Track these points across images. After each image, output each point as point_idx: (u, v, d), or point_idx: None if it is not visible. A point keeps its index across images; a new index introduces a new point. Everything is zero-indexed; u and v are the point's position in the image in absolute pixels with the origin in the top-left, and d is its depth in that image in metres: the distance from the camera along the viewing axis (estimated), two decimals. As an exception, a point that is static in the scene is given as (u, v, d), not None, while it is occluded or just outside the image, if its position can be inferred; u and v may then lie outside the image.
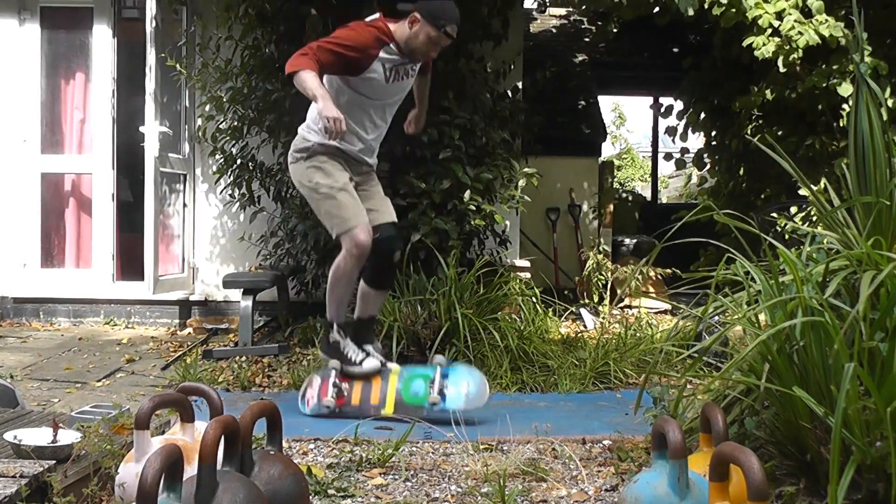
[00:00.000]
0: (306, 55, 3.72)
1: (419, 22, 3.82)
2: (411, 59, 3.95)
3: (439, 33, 3.83)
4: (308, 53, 3.72)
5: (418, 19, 3.82)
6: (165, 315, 6.70)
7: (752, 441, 2.72)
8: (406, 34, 3.86)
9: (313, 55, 3.72)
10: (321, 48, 3.76)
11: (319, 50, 3.74)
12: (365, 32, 3.84)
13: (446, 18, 3.83)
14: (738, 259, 2.92)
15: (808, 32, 6.13)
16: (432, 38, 3.84)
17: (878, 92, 2.85)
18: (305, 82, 3.67)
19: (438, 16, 3.82)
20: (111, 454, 2.60)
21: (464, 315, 4.84)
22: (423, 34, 3.83)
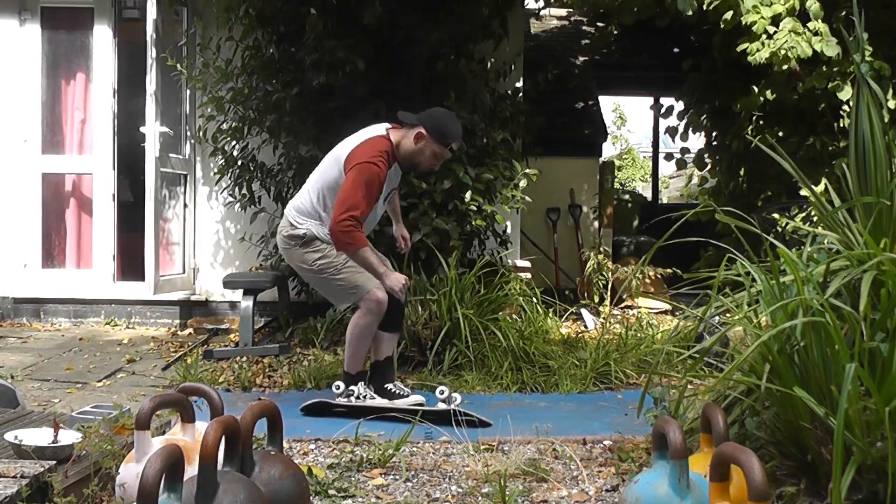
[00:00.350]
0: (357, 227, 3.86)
1: (425, 139, 3.93)
2: (412, 171, 4.12)
3: (446, 150, 3.98)
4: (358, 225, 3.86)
5: (425, 136, 3.93)
6: (166, 315, 6.70)
7: (752, 441, 2.72)
8: (411, 149, 3.97)
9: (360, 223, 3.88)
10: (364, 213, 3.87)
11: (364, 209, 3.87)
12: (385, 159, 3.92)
13: (453, 136, 3.97)
14: (739, 259, 2.92)
15: (801, 45, 6.12)
16: (437, 155, 3.99)
17: (878, 93, 2.85)
18: (367, 260, 3.92)
19: (447, 135, 3.95)
20: (112, 454, 2.60)
21: (464, 315, 4.84)
22: (429, 151, 3.95)
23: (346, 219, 3.83)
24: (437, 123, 3.96)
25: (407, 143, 3.97)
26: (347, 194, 3.86)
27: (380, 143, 3.98)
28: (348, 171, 3.92)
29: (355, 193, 3.85)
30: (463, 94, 5.89)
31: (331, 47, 5.48)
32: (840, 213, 2.92)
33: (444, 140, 3.95)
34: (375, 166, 3.88)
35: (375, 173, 3.89)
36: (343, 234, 3.86)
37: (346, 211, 3.84)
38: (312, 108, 5.72)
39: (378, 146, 3.95)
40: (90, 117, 6.80)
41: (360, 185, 3.86)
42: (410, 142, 3.96)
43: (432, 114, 4.03)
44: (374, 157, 3.90)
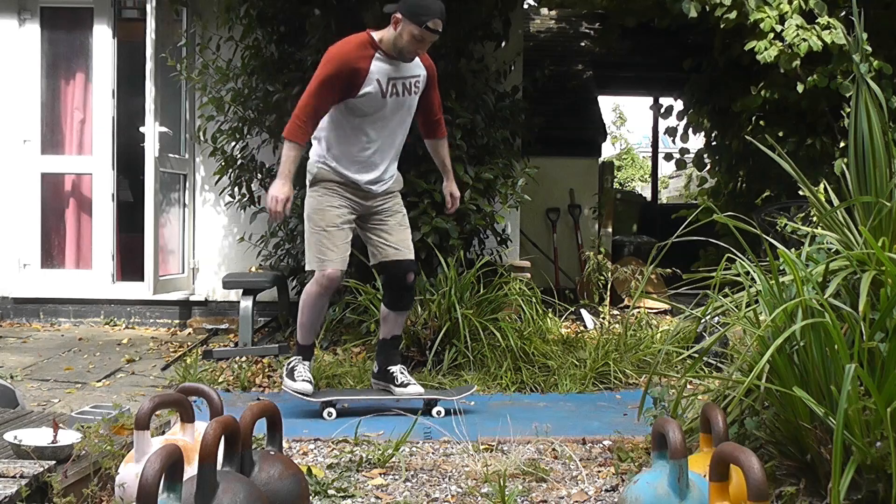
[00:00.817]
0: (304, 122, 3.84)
1: (401, 21, 3.82)
2: (403, 61, 3.93)
3: (422, 30, 3.81)
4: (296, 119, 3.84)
5: (400, 19, 3.83)
6: (165, 315, 6.71)
7: (752, 441, 2.72)
8: (392, 36, 3.86)
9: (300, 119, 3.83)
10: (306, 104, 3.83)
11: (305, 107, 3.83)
12: (343, 50, 3.86)
13: (427, 14, 3.81)
14: (739, 259, 2.92)
15: (812, 39, 6.12)
16: (415, 36, 3.82)
17: (878, 93, 2.85)
18: (285, 154, 3.88)
19: (418, 13, 3.80)
20: (111, 454, 2.60)
21: (464, 315, 4.84)
22: (406, 33, 3.82)
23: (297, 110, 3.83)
24: (409, 4, 3.81)
25: (389, 32, 3.87)
26: (308, 89, 3.85)
27: (352, 36, 3.92)
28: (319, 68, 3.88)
29: (310, 90, 3.83)
30: (464, 93, 5.89)
31: None
32: (839, 212, 2.92)
33: (418, 19, 3.77)
34: (339, 50, 3.84)
35: (338, 56, 3.82)
36: (289, 123, 3.85)
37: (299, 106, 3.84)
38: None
39: (350, 38, 3.91)
40: (90, 117, 6.80)
41: (318, 75, 3.83)
42: (390, 29, 3.86)
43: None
44: (342, 46, 3.86)
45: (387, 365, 4.20)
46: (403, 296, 4.15)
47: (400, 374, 4.18)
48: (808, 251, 2.91)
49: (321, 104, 3.85)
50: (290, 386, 4.05)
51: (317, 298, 4.02)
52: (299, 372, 4.06)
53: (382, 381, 4.22)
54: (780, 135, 7.51)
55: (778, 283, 2.68)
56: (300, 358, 4.12)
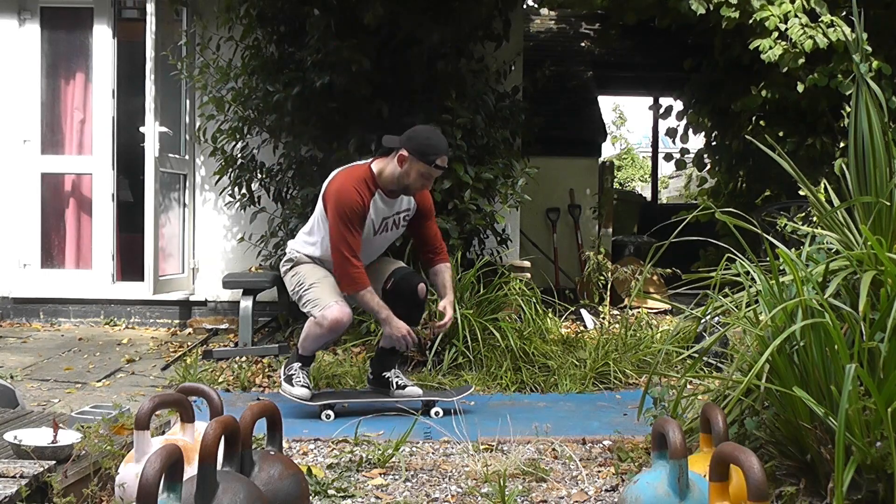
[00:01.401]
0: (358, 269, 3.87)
1: (408, 160, 3.84)
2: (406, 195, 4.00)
3: (430, 168, 3.85)
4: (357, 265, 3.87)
5: (407, 157, 3.84)
6: (165, 315, 6.70)
7: (752, 441, 2.72)
8: (397, 173, 3.88)
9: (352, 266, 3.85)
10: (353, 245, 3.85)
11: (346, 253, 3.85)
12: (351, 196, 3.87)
13: (435, 152, 3.84)
14: (739, 259, 2.92)
15: (818, 36, 6.13)
16: (423, 174, 3.87)
17: (878, 93, 2.85)
18: (369, 302, 3.91)
19: (426, 151, 3.83)
20: (111, 454, 2.60)
21: (464, 315, 4.84)
22: (413, 172, 3.85)
23: (339, 259, 3.87)
24: (416, 143, 3.84)
25: (392, 167, 3.90)
26: (332, 234, 3.89)
27: (355, 171, 3.97)
28: (328, 210, 3.92)
29: (337, 232, 3.86)
30: (464, 93, 5.89)
31: (334, 47, 5.48)
32: (839, 212, 2.92)
33: (427, 158, 3.82)
34: (348, 195, 3.86)
35: (349, 203, 3.86)
36: (343, 276, 3.89)
37: (336, 251, 3.87)
38: (314, 108, 5.72)
39: (353, 175, 3.94)
40: (90, 117, 6.79)
41: (338, 218, 3.85)
42: (395, 166, 3.88)
43: (412, 133, 3.91)
44: (347, 187, 3.88)
45: (382, 371, 4.21)
46: (413, 311, 4.13)
47: (396, 378, 4.18)
48: (808, 251, 2.91)
49: (353, 239, 3.87)
50: (288, 391, 4.05)
51: (319, 338, 4.02)
52: (298, 378, 4.07)
53: (378, 386, 4.23)
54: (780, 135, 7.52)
55: (778, 283, 2.68)
56: (300, 365, 4.11)
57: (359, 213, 3.88)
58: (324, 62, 5.57)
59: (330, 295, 3.94)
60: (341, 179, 3.94)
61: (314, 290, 3.97)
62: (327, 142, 5.68)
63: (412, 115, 5.61)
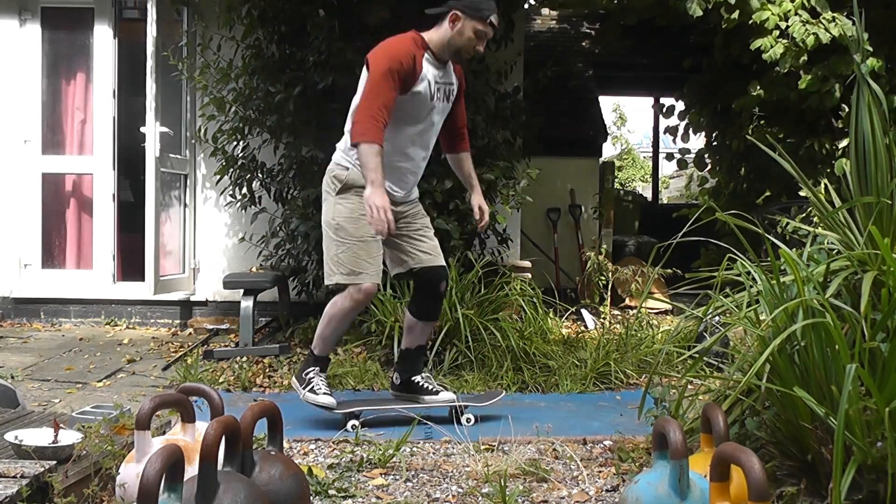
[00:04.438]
0: (376, 119, 3.56)
1: (461, 19, 3.71)
2: (457, 60, 3.84)
3: (486, 24, 3.73)
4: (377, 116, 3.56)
5: (460, 16, 3.71)
6: (166, 315, 6.71)
7: (752, 441, 2.72)
8: (448, 35, 3.73)
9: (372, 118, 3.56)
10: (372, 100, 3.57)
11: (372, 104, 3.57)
12: (400, 43, 3.70)
13: (489, 9, 3.74)
14: (740, 259, 2.92)
15: (820, 31, 6.12)
16: (479, 32, 3.72)
17: (879, 93, 2.85)
18: (366, 158, 3.56)
19: (481, 7, 3.71)
20: (112, 454, 2.61)
21: (465, 315, 4.84)
22: (468, 29, 3.71)
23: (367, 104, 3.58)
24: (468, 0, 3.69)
25: (441, 32, 3.73)
26: (370, 81, 3.62)
27: (398, 36, 3.76)
28: (372, 65, 3.66)
29: (377, 77, 3.59)
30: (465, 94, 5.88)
31: (338, 49, 5.47)
32: (840, 213, 2.92)
33: (482, 13, 3.68)
34: (399, 45, 3.66)
35: (399, 52, 3.62)
36: (356, 123, 3.60)
37: (368, 106, 3.57)
38: (315, 108, 5.72)
39: (395, 38, 3.74)
40: (90, 117, 6.80)
41: (382, 70, 3.59)
42: (446, 28, 3.72)
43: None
44: (396, 42, 3.69)
45: (411, 375, 4.02)
46: (434, 305, 3.99)
47: (427, 383, 4.00)
48: (810, 251, 2.91)
49: (388, 98, 3.59)
50: (312, 400, 3.81)
51: (349, 313, 3.80)
52: (318, 385, 3.84)
53: (406, 392, 4.02)
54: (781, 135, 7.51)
55: (779, 283, 2.68)
56: (317, 370, 3.89)
57: (406, 67, 3.63)
58: (326, 63, 5.57)
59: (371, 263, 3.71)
60: (391, 40, 3.74)
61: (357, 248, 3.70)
62: (328, 142, 5.65)
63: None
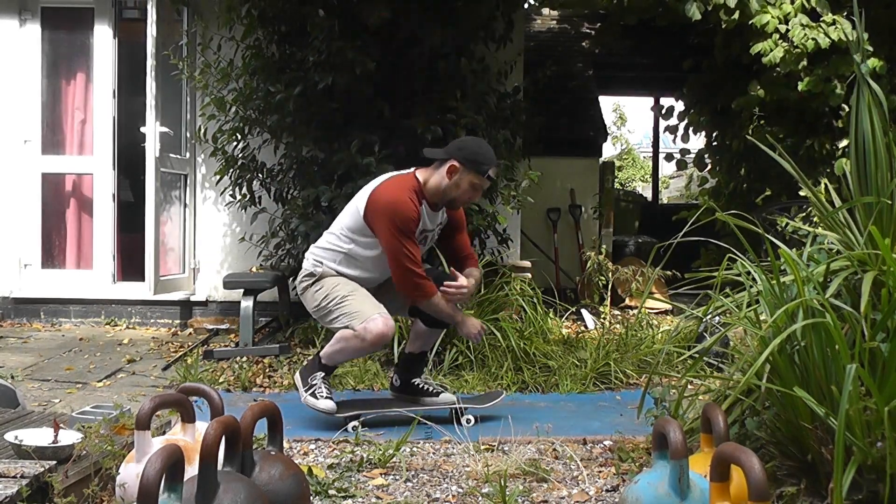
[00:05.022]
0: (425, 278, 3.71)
1: (459, 171, 3.69)
2: (450, 208, 3.85)
3: (483, 179, 3.71)
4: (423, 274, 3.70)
5: (458, 168, 3.69)
6: (166, 315, 6.71)
7: (752, 441, 2.72)
8: (444, 184, 3.71)
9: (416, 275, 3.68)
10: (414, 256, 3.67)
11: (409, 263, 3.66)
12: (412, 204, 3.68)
13: (487, 163, 3.70)
14: (740, 259, 2.92)
15: (819, 36, 6.12)
16: (475, 185, 3.72)
17: (879, 92, 2.85)
18: (439, 308, 3.76)
19: (479, 161, 3.69)
20: (112, 454, 2.61)
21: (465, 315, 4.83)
22: (465, 182, 3.69)
23: (403, 272, 3.67)
24: (469, 152, 3.69)
25: (438, 178, 3.72)
26: (391, 246, 3.66)
27: (405, 181, 3.75)
28: (377, 222, 3.68)
29: (397, 244, 3.64)
30: (465, 93, 5.89)
31: (338, 49, 5.48)
32: (840, 213, 2.92)
33: (480, 168, 3.67)
34: (406, 207, 3.65)
35: (406, 214, 3.64)
36: (412, 290, 3.71)
37: (398, 265, 3.66)
38: (315, 108, 5.72)
39: (404, 185, 3.72)
40: (90, 117, 6.80)
41: (395, 231, 3.64)
42: (443, 177, 3.70)
43: (461, 144, 3.80)
44: (403, 199, 3.66)
45: (410, 378, 4.03)
46: None
47: (426, 385, 4.02)
48: (810, 251, 2.91)
49: (413, 249, 3.69)
50: (312, 404, 3.81)
51: (357, 352, 3.83)
52: (321, 390, 3.83)
53: (406, 394, 4.03)
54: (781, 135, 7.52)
55: (779, 283, 2.68)
56: (322, 375, 3.87)
57: (415, 224, 3.69)
58: (326, 63, 5.57)
59: (371, 307, 3.71)
60: (394, 190, 3.70)
61: (350, 302, 3.73)
62: (328, 142, 5.68)
63: (413, 115, 5.62)
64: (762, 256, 2.84)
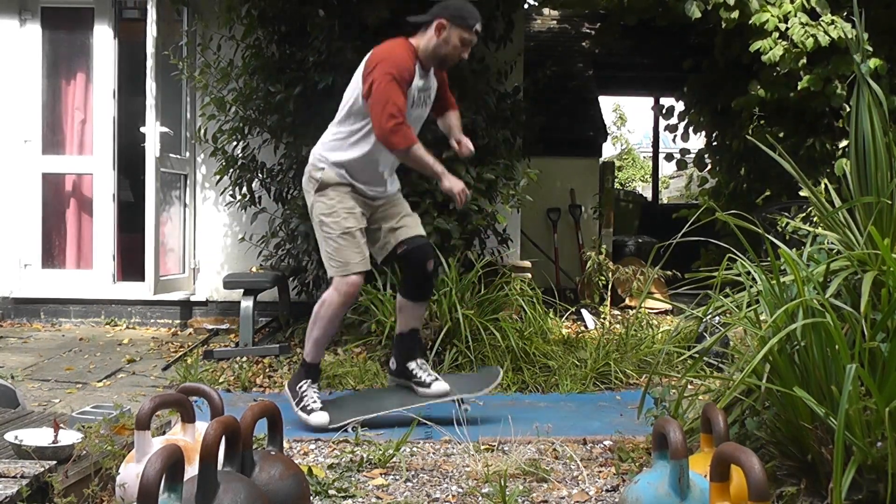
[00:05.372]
0: (401, 122, 3.66)
1: (447, 27, 3.74)
2: (440, 68, 3.88)
3: (471, 32, 3.77)
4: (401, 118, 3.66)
5: (445, 25, 3.74)
6: (166, 315, 6.70)
7: (752, 441, 2.72)
8: (433, 43, 3.77)
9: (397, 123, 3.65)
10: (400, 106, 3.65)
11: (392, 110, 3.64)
12: (401, 55, 3.72)
13: (473, 17, 3.77)
14: (740, 259, 2.92)
15: (819, 34, 6.12)
16: (464, 40, 3.76)
17: (879, 93, 2.85)
18: (421, 158, 3.75)
19: (465, 16, 3.75)
20: (112, 454, 2.61)
21: (465, 315, 4.84)
22: (454, 37, 3.75)
23: (387, 118, 3.63)
24: (454, 9, 3.74)
25: (427, 39, 3.77)
26: (378, 95, 3.65)
27: (399, 41, 3.79)
28: (371, 74, 3.68)
29: (387, 87, 3.64)
30: (465, 93, 5.88)
31: (338, 48, 5.47)
32: (840, 213, 2.92)
33: (467, 22, 3.72)
34: (401, 56, 3.69)
35: (402, 63, 3.68)
36: (390, 134, 3.65)
37: (384, 110, 3.63)
38: (315, 108, 5.72)
39: (399, 42, 3.77)
40: (90, 117, 6.80)
41: (387, 76, 3.64)
42: (431, 36, 3.75)
43: (444, 4, 3.79)
44: (399, 51, 3.72)
45: (406, 361, 4.01)
46: (423, 285, 3.97)
47: (421, 371, 3.98)
48: (810, 251, 2.91)
49: (402, 102, 3.67)
50: (305, 421, 3.78)
51: (338, 309, 3.80)
52: (311, 403, 3.82)
53: (401, 377, 4.03)
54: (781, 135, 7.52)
55: (779, 283, 2.68)
56: (309, 382, 3.87)
57: (408, 76, 3.70)
58: (326, 63, 5.57)
59: (355, 253, 3.77)
60: (389, 45, 3.77)
61: (342, 244, 3.77)
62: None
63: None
64: (762, 256, 2.84)
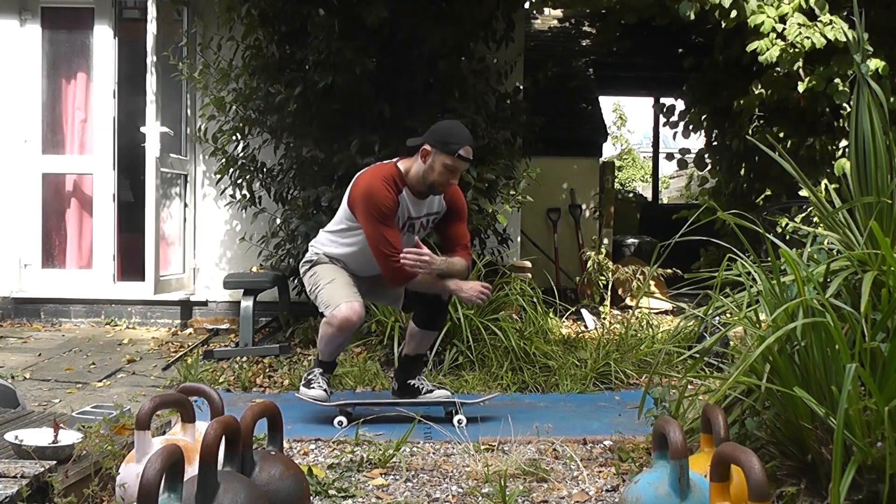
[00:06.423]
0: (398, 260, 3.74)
1: (431, 153, 3.74)
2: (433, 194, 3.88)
3: (454, 158, 3.72)
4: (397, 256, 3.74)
5: (430, 150, 3.74)
6: (166, 315, 6.70)
7: (752, 441, 2.72)
8: (421, 170, 3.78)
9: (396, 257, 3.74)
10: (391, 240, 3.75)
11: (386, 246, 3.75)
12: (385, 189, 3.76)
13: (457, 142, 3.72)
14: (740, 259, 2.92)
15: (815, 35, 6.12)
16: (448, 166, 3.73)
17: (879, 93, 2.85)
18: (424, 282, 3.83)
19: (448, 141, 3.72)
20: (112, 454, 2.60)
21: (465, 315, 4.84)
22: (438, 164, 3.73)
23: (382, 258, 3.76)
24: (438, 134, 3.75)
25: (416, 165, 3.80)
26: (367, 232, 3.78)
27: (381, 169, 3.86)
28: (356, 210, 3.81)
29: (374, 230, 3.76)
30: (465, 93, 5.89)
31: (338, 49, 5.48)
32: (840, 213, 2.92)
33: (449, 147, 3.70)
34: (378, 192, 3.74)
35: (379, 200, 3.74)
36: (393, 273, 3.79)
37: (377, 251, 3.77)
38: (315, 108, 5.72)
39: (379, 172, 3.83)
40: (90, 117, 6.80)
41: (371, 218, 3.75)
42: (419, 162, 3.78)
43: (434, 127, 3.84)
44: (376, 184, 3.76)
45: (406, 379, 4.11)
46: (438, 315, 4.04)
47: (421, 384, 4.09)
48: (810, 251, 2.91)
49: (391, 233, 3.78)
50: (304, 393, 3.90)
51: (332, 338, 3.89)
52: (316, 381, 3.94)
53: (406, 396, 4.09)
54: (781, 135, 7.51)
55: (779, 283, 2.68)
56: (321, 371, 3.99)
57: (390, 208, 3.77)
58: (326, 63, 5.57)
59: (340, 292, 3.84)
60: (368, 178, 3.83)
61: (326, 289, 3.88)
62: (328, 142, 5.68)
63: (414, 115, 5.61)
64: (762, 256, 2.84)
